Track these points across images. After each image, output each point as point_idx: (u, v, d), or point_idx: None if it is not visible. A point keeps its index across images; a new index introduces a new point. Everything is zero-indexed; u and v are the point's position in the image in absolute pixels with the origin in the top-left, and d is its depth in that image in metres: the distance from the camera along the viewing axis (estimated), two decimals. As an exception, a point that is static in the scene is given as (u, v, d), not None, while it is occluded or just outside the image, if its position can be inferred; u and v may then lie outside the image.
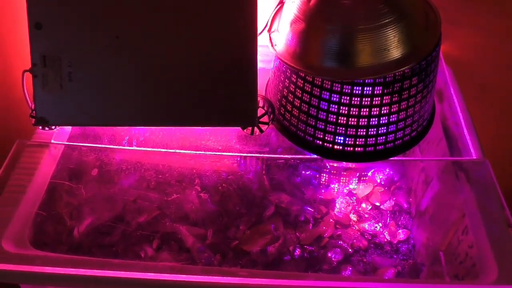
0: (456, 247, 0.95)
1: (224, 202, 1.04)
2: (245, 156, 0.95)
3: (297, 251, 1.13)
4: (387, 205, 1.24)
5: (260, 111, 0.88)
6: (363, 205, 1.25)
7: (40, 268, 0.77)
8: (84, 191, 0.89)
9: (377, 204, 1.24)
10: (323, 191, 1.25)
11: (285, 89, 0.91)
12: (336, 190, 1.26)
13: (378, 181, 1.27)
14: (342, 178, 1.26)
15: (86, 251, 1.00)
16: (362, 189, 1.25)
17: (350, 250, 1.14)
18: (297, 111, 0.90)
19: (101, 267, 0.77)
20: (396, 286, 0.76)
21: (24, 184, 0.88)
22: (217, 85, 0.85)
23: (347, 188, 1.26)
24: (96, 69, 0.85)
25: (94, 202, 0.91)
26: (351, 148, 0.89)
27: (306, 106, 0.88)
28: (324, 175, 1.24)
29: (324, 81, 0.84)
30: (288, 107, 0.92)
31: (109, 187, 0.90)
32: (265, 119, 0.89)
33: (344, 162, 1.03)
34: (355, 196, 1.26)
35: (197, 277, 0.75)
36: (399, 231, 1.19)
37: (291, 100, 0.91)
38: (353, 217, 1.22)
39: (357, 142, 0.89)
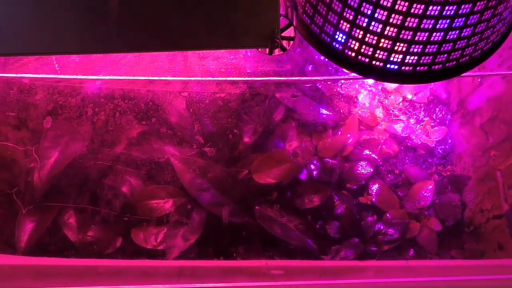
0: (524, 174, 0.75)
1: (223, 114, 0.78)
2: (257, 81, 0.66)
3: (316, 167, 0.92)
4: (421, 96, 1.01)
5: (281, 21, 0.58)
6: (392, 97, 1.01)
7: None
8: (37, 156, 0.62)
9: (409, 96, 1.00)
10: (342, 81, 0.99)
11: (316, -18, 0.59)
12: (358, 81, 1.00)
13: (411, 65, 1.01)
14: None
15: (52, 202, 0.77)
16: (392, 78, 1.00)
17: (378, 160, 0.94)
18: (336, 17, 0.60)
19: (83, 277, 0.55)
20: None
21: None
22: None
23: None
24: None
25: (55, 151, 0.64)
26: (411, 68, 0.62)
27: (352, 13, 0.58)
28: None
29: (389, -18, 0.53)
30: (321, 9, 0.61)
31: (70, 148, 0.63)
32: (289, 31, 0.59)
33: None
34: (382, 87, 1.01)
35: (216, 285, 0.54)
36: (435, 128, 0.98)
37: (327, 0, 0.59)
38: (380, 113, 1.00)
39: (422, 61, 0.61)
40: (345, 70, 0.68)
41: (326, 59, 0.66)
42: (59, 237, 0.78)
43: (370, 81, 0.97)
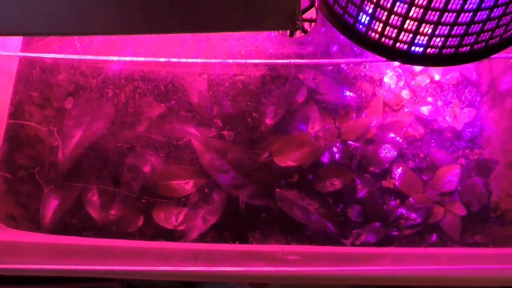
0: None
1: (243, 96, 0.77)
2: (278, 64, 0.65)
3: (338, 149, 0.91)
4: (450, 77, 0.98)
5: (303, 2, 0.56)
6: (419, 78, 0.98)
7: (20, 266, 0.56)
8: (59, 136, 0.63)
9: (437, 77, 0.97)
10: (367, 65, 0.97)
11: (339, -39, 0.57)
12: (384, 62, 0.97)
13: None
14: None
15: (76, 181, 0.79)
16: (419, 59, 0.97)
17: (403, 143, 0.93)
18: (359, -2, 0.58)
19: (103, 257, 0.57)
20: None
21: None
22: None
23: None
24: None
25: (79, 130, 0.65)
26: (437, 50, 0.60)
27: (376, -7, 0.56)
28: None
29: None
30: (344, -11, 0.59)
31: (93, 128, 0.63)
32: (310, 13, 0.58)
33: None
34: (409, 68, 0.98)
35: (232, 268, 0.55)
36: (463, 110, 0.96)
37: (351, -20, 0.57)
38: (406, 95, 0.97)
39: (448, 43, 0.59)
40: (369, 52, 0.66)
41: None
42: (82, 214, 0.80)
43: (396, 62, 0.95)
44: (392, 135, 0.90)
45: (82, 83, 0.65)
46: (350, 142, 0.89)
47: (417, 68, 0.94)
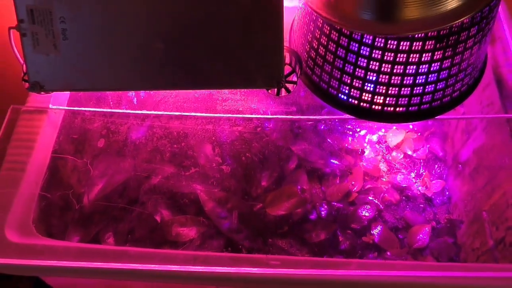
0: (503, 210, 0.86)
1: (244, 159, 0.95)
2: (269, 119, 0.84)
3: (324, 209, 1.06)
4: (420, 153, 1.15)
5: (286, 68, 0.76)
6: (394, 154, 1.15)
7: (49, 262, 0.70)
8: (91, 167, 0.80)
9: (409, 152, 1.14)
10: (350, 139, 1.15)
11: (314, 40, 0.78)
12: (364, 138, 1.16)
13: (411, 126, 1.17)
14: (370, 124, 1.16)
15: (96, 222, 0.93)
16: (393, 137, 1.15)
17: (380, 205, 1.07)
18: (330, 67, 0.77)
19: (117, 259, 0.70)
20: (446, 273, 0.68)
21: (23, 160, 0.79)
22: (237, 42, 0.72)
23: (377, 135, 1.16)
24: (96, 24, 0.71)
25: (102, 180, 0.82)
26: (392, 108, 0.78)
27: (341, 62, 0.76)
28: (351, 123, 1.13)
29: (365, 36, 0.71)
30: (319, 61, 0.79)
31: (118, 162, 0.81)
32: (292, 77, 0.77)
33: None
34: (386, 144, 1.16)
35: (224, 268, 0.67)
36: (433, 181, 1.11)
37: (323, 54, 0.78)
38: (383, 167, 1.14)
39: (400, 102, 0.77)
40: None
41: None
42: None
43: (375, 138, 1.13)
44: (371, 198, 1.05)
45: (112, 128, 0.83)
46: (334, 203, 1.04)
47: (392, 143, 1.12)
